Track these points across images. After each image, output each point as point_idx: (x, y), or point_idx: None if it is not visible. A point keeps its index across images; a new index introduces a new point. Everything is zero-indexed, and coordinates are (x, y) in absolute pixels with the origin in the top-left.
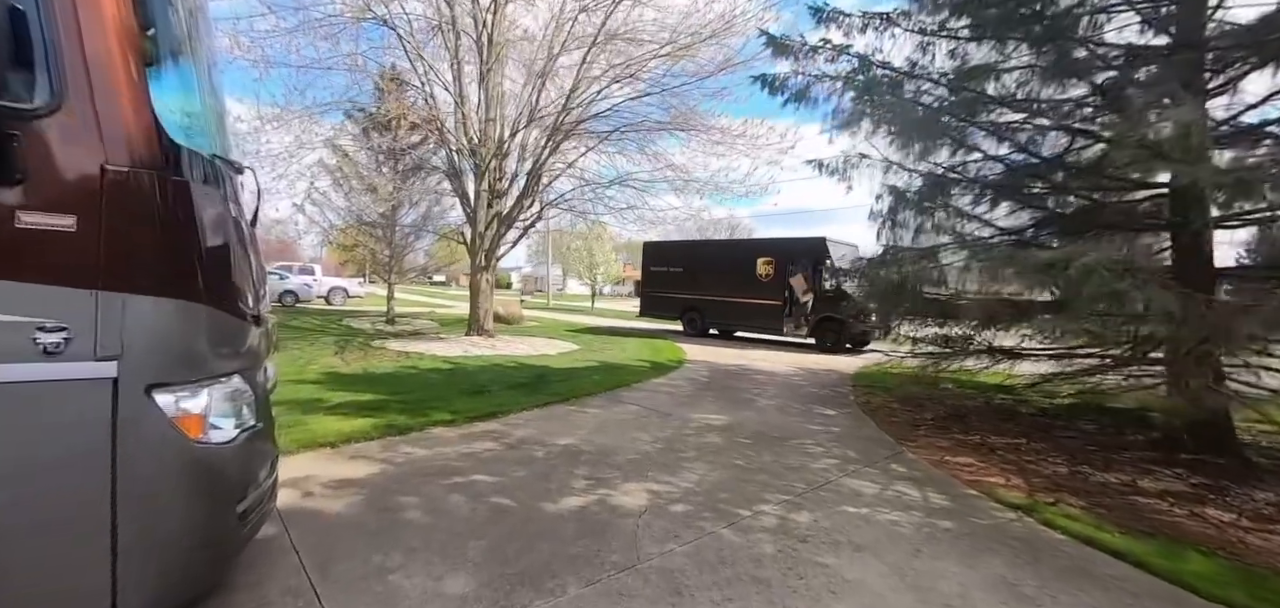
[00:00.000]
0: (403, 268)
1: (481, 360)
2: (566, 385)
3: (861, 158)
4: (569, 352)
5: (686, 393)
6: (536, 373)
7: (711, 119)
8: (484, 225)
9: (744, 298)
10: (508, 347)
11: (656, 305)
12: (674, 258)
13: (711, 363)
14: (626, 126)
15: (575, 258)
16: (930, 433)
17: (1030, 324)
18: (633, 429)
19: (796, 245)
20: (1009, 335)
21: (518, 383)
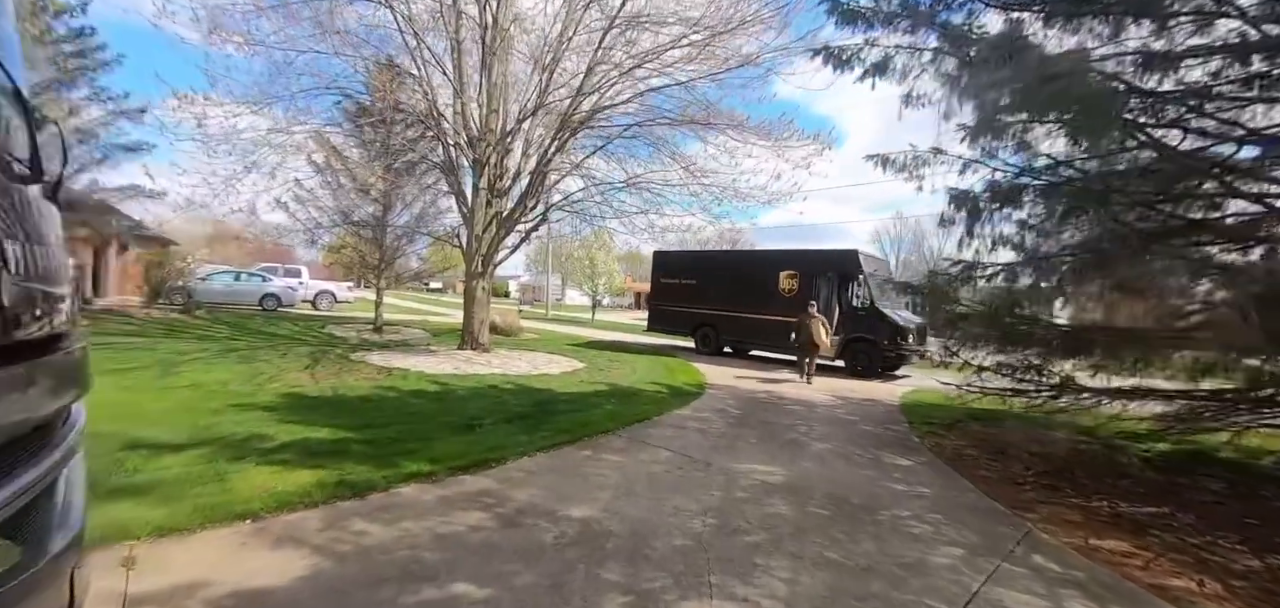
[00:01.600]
0: (394, 273)
1: (475, 381)
2: (576, 419)
3: (936, 153)
4: (573, 371)
5: (720, 431)
6: (539, 400)
7: (738, 117)
8: (481, 228)
9: (764, 314)
10: (505, 363)
11: (666, 320)
12: (687, 269)
13: (735, 388)
14: (645, 120)
15: (576, 267)
16: (1041, 496)
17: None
18: (670, 491)
19: (824, 258)
20: (1120, 373)
21: (517, 413)
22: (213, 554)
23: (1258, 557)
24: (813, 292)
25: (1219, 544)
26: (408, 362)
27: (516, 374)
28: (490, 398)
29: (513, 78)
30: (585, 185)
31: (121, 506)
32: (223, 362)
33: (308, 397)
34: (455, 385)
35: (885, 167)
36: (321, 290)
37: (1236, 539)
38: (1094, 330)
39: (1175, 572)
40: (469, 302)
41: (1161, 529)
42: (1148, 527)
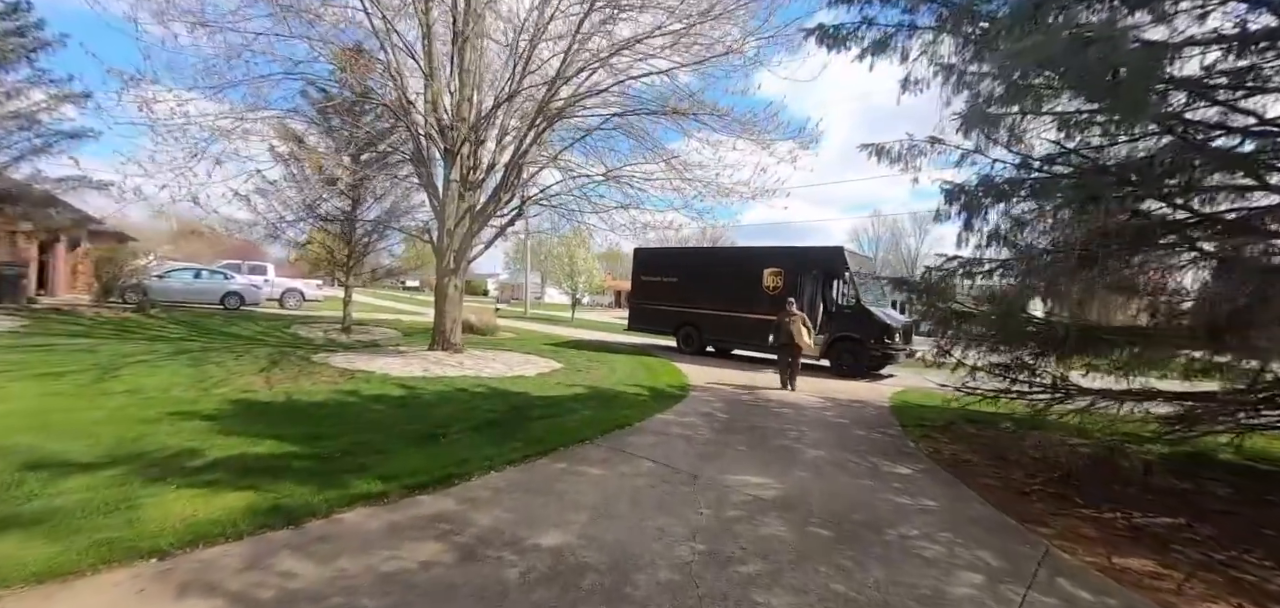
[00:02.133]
0: (364, 270)
1: (443, 385)
2: (550, 425)
3: (934, 143)
4: (550, 372)
5: (706, 437)
6: (511, 404)
7: (721, 108)
8: (453, 222)
9: (748, 313)
10: (478, 365)
11: (647, 318)
12: (668, 266)
13: (719, 390)
14: (625, 111)
15: (555, 265)
16: (1051, 507)
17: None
18: (654, 510)
19: (809, 255)
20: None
21: (486, 420)
22: (98, 606)
23: None
24: (797, 290)
25: (1247, 561)
26: (374, 363)
27: (489, 376)
28: (459, 403)
29: (487, 65)
30: (562, 178)
31: (3, 542)
32: (170, 364)
33: (257, 403)
34: (422, 389)
35: (879, 157)
36: (288, 288)
37: (1261, 554)
38: (1090, 329)
39: (1210, 597)
40: (440, 300)
41: (1183, 544)
42: (1168, 542)
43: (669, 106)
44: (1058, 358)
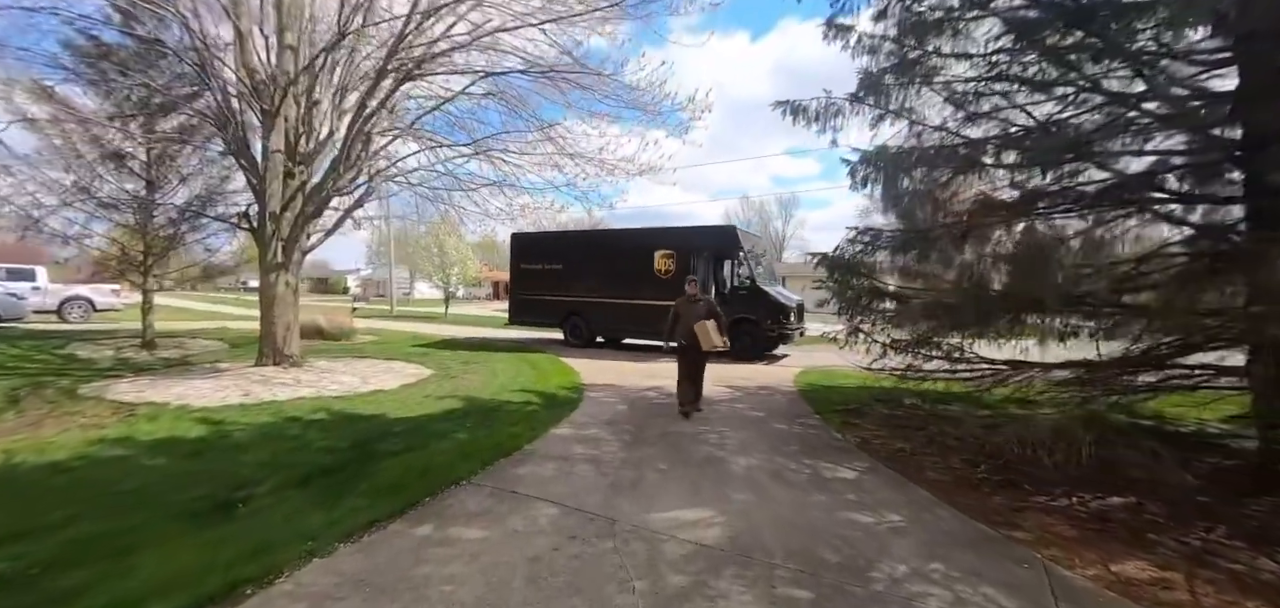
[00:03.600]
0: (168, 270)
1: (266, 415)
2: (411, 462)
3: (854, 101)
4: (416, 382)
5: (617, 456)
6: (358, 434)
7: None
8: (280, 203)
9: (639, 299)
10: (320, 381)
11: (530, 310)
12: (551, 252)
13: (620, 388)
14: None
15: (423, 256)
16: (1010, 500)
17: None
18: (564, 594)
19: (701, 235)
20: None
21: (318, 466)
22: None
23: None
24: (691, 272)
25: (1225, 547)
26: (174, 390)
27: (334, 395)
28: (282, 442)
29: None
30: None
31: None
32: None
33: None
34: (233, 426)
35: (795, 115)
36: (71, 297)
37: (1227, 531)
38: (992, 299)
39: (1230, 604)
40: (268, 303)
41: (1157, 532)
42: (1140, 532)
43: (541, 64)
44: (958, 332)
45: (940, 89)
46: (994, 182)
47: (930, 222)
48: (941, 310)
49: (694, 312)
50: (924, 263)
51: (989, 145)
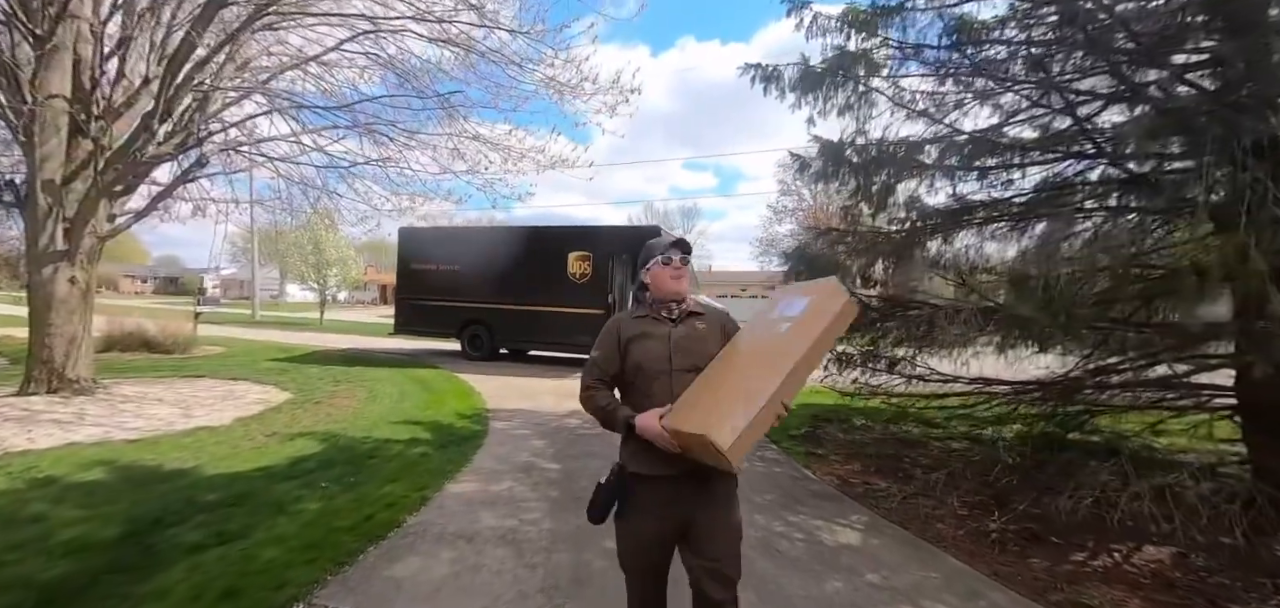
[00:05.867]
0: None
1: (0, 479)
2: (211, 567)
3: (833, 73)
4: (263, 411)
5: (542, 526)
6: (144, 510)
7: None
8: (63, 171)
9: (551, 306)
10: (119, 414)
11: (421, 319)
12: (446, 250)
13: (532, 411)
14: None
15: (296, 254)
16: (1048, 560)
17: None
18: None
19: (621, 236)
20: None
21: (38, 587)
22: None
23: None
24: (608, 276)
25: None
26: None
27: (132, 438)
28: (4, 537)
29: None
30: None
31: None
32: None
33: None
34: None
35: (767, 83)
36: None
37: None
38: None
39: None
40: (41, 305)
41: (1168, 578)
42: (1156, 575)
43: (432, 17)
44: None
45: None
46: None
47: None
48: (899, 321)
49: (683, 346)
50: (870, 269)
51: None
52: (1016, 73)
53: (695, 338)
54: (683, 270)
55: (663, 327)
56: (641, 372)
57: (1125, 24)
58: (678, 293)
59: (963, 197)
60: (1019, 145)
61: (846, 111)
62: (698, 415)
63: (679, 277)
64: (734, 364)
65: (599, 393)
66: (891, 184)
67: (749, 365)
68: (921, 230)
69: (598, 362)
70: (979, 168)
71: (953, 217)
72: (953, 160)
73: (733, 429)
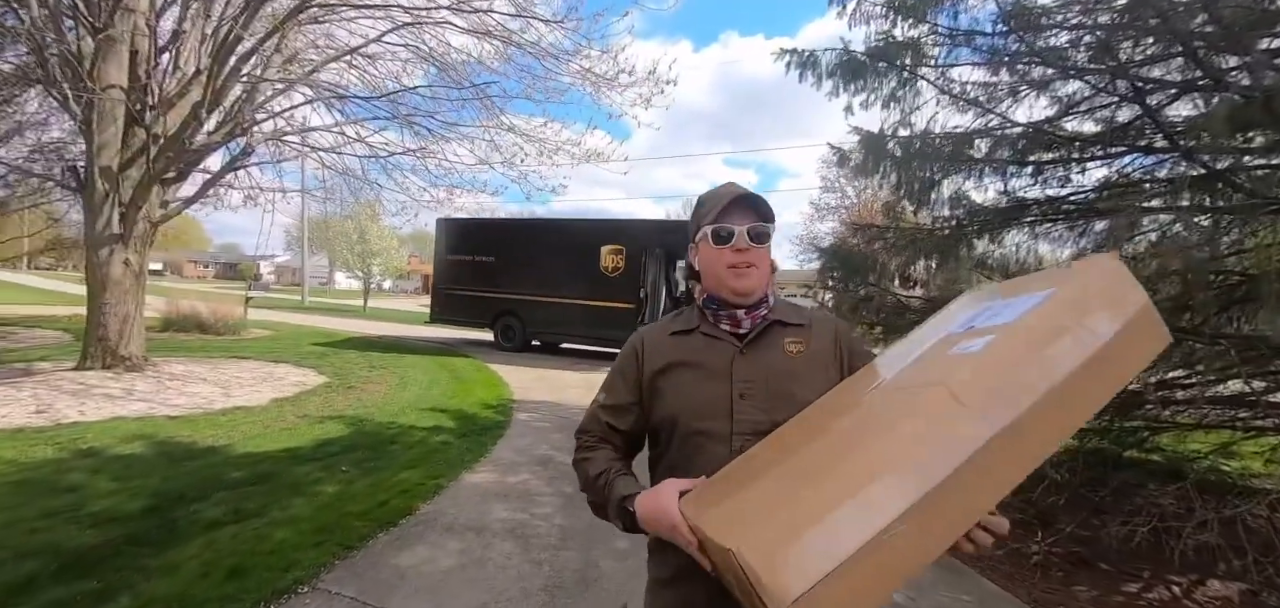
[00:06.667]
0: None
1: (49, 446)
2: (223, 544)
3: (873, 60)
4: (299, 393)
5: (553, 521)
6: (173, 484)
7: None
8: (118, 157)
9: (583, 299)
10: (165, 391)
11: (456, 308)
12: (482, 242)
13: (556, 403)
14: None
15: (343, 243)
16: (1096, 591)
17: None
18: None
19: (654, 230)
20: None
21: (63, 554)
22: None
23: None
24: (640, 270)
25: None
26: None
27: (173, 415)
28: (44, 497)
29: None
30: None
31: None
32: None
33: None
34: None
35: (803, 70)
36: None
37: None
38: None
39: None
40: (98, 284)
41: None
42: None
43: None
44: None
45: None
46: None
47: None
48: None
49: (758, 383)
50: (910, 268)
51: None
52: (1079, 60)
53: (780, 368)
54: (753, 253)
55: (720, 348)
56: (679, 430)
57: (1207, 5)
58: (744, 292)
59: (1014, 193)
60: (1079, 139)
61: (892, 103)
62: (742, 510)
63: (744, 265)
64: (856, 419)
65: (595, 456)
66: (936, 179)
67: (886, 426)
68: (967, 228)
69: (602, 408)
70: (1034, 163)
71: (1003, 215)
72: (1005, 154)
73: (805, 568)
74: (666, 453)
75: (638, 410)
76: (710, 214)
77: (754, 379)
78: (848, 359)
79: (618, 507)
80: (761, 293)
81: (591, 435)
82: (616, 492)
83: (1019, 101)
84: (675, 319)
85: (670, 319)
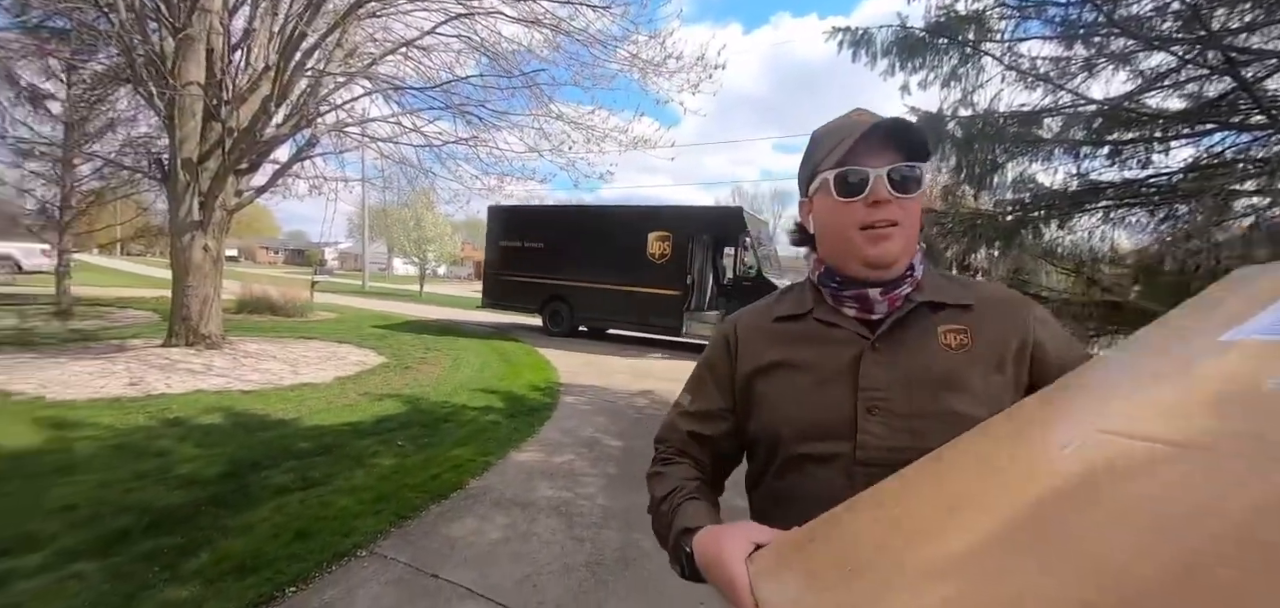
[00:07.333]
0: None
1: (142, 414)
2: (292, 509)
3: (934, 35)
4: (360, 372)
5: (596, 501)
6: (247, 452)
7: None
8: (197, 149)
9: (631, 285)
10: (240, 367)
11: (506, 293)
12: (532, 228)
13: (602, 388)
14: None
15: (401, 231)
16: None
17: None
18: None
19: (702, 217)
20: None
21: (153, 513)
22: None
23: None
24: (687, 257)
25: None
26: (44, 375)
27: (247, 389)
28: (137, 461)
29: None
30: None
31: None
32: None
33: None
34: (83, 433)
35: (856, 48)
36: None
37: None
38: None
39: None
40: (180, 270)
41: None
42: None
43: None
44: None
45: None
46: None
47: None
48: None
49: (895, 391)
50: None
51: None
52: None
53: (931, 370)
54: (896, 207)
55: (841, 342)
56: (781, 451)
57: None
58: (882, 262)
59: (1087, 175)
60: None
61: (952, 81)
62: (818, 595)
63: (884, 224)
64: (1055, 480)
65: (668, 473)
66: (1000, 161)
67: (1128, 516)
68: (1033, 213)
69: (683, 413)
70: (1112, 143)
71: (1074, 198)
72: (1078, 134)
73: None
74: (765, 476)
75: (730, 420)
76: (832, 153)
77: (890, 386)
78: (1040, 358)
79: (675, 542)
80: (907, 263)
81: (669, 446)
82: (679, 521)
83: (1095, 76)
84: (780, 299)
85: (773, 299)
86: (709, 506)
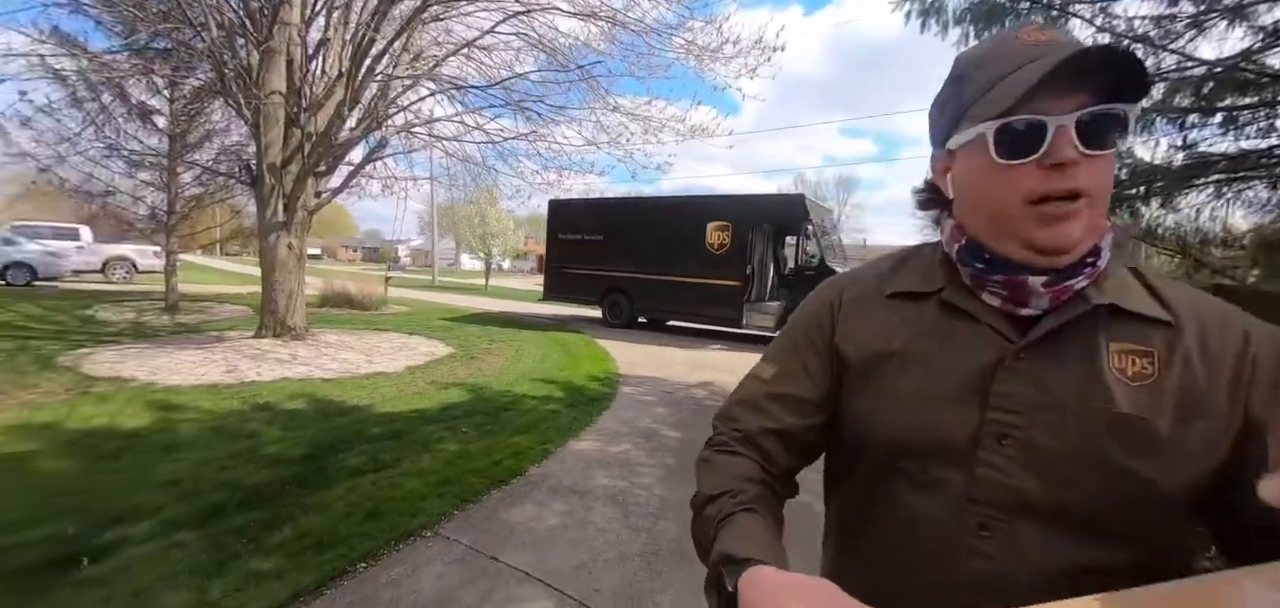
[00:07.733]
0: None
1: (236, 399)
2: (364, 490)
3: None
4: (428, 362)
5: (652, 491)
6: (326, 436)
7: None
8: (280, 154)
9: (688, 276)
10: (321, 357)
11: (566, 286)
12: (591, 221)
13: (661, 379)
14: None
15: (466, 227)
16: None
17: None
18: None
19: (762, 206)
20: None
21: (243, 489)
22: None
23: None
24: (746, 247)
25: None
26: (154, 363)
27: (328, 377)
28: (231, 441)
29: None
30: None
31: None
32: None
33: None
34: (187, 415)
35: (925, 18)
36: (114, 257)
37: None
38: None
39: None
40: (268, 267)
41: None
42: None
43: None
44: None
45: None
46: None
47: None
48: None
49: (1045, 427)
50: None
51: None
52: None
53: (1094, 402)
54: (1085, 170)
55: (975, 338)
56: (872, 462)
57: None
58: (1060, 247)
59: (1195, 147)
60: None
61: None
62: None
63: (1067, 197)
64: None
65: (723, 464)
66: None
67: None
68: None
69: (759, 391)
70: (1225, 109)
71: (1179, 174)
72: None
73: None
74: (847, 484)
75: (819, 412)
76: (994, 92)
77: (1034, 409)
78: (1263, 406)
79: (714, 566)
80: (1090, 246)
81: (734, 426)
82: (725, 541)
83: (1204, 34)
84: (897, 269)
85: (888, 268)
86: (769, 524)
